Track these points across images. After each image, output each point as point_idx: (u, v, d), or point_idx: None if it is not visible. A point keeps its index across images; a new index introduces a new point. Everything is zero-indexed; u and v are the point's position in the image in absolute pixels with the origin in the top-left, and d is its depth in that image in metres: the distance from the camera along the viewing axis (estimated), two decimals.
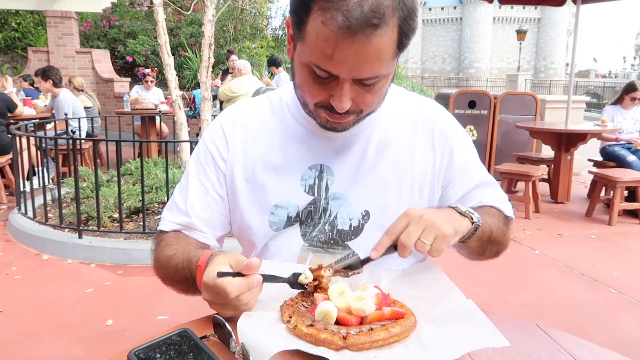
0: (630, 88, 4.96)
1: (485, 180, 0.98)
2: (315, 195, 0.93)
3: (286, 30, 0.92)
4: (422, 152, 0.94)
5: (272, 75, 7.43)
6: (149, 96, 7.05)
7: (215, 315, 0.71)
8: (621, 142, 4.90)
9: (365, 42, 0.70)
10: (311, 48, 0.75)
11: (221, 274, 0.70)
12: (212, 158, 0.95)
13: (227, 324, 0.67)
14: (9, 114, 5.07)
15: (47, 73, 5.25)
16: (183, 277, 0.86)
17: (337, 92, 0.77)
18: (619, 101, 5.07)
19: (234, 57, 7.26)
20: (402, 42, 0.75)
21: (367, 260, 0.77)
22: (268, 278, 0.74)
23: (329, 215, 0.93)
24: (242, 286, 0.70)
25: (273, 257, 0.94)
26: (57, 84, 5.32)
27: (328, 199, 0.93)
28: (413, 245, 0.75)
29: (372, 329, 0.66)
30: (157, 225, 0.98)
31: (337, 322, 0.69)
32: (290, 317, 0.70)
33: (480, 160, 1.01)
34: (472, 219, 0.83)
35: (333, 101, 0.78)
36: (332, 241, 0.93)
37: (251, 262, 0.72)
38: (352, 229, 0.93)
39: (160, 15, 4.16)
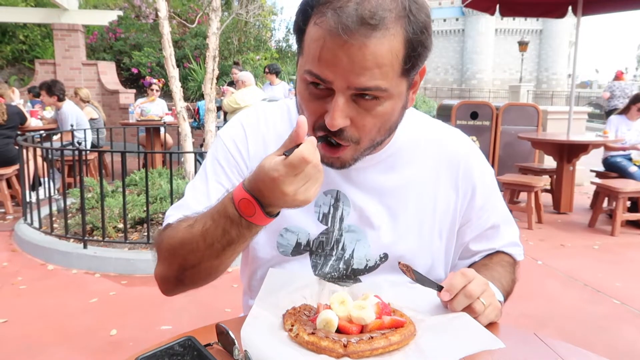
0: (637, 99, 4.95)
1: (502, 219, 0.96)
2: (329, 225, 0.88)
3: (289, 42, 0.91)
4: (444, 192, 0.90)
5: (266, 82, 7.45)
6: (153, 108, 7.11)
7: (219, 323, 0.72)
8: (623, 153, 4.90)
9: (361, 45, 0.65)
10: (306, 55, 0.71)
11: (287, 154, 0.64)
12: (234, 159, 0.89)
13: (230, 332, 0.68)
14: (20, 126, 5.15)
15: (52, 89, 5.35)
16: (220, 233, 0.72)
17: (331, 106, 0.70)
18: (625, 111, 5.03)
19: (235, 69, 7.33)
20: (410, 58, 0.69)
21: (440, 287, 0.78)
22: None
23: (342, 249, 0.89)
24: (312, 149, 0.64)
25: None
26: (60, 98, 5.42)
27: (342, 231, 0.88)
28: (474, 299, 0.75)
29: (372, 337, 0.68)
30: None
31: (338, 331, 0.70)
32: (292, 325, 0.71)
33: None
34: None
35: (326, 118, 0.71)
36: (344, 277, 0.90)
37: (299, 121, 0.65)
38: (367, 268, 0.90)
39: (166, 28, 4.22)
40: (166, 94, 8.90)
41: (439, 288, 0.79)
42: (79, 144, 3.80)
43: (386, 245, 0.89)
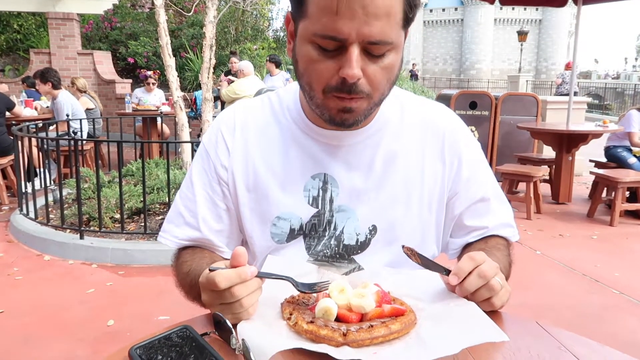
0: None
1: (492, 194, 0.95)
2: (320, 207, 0.89)
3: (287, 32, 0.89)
4: (431, 163, 0.91)
5: (267, 72, 7.40)
6: (150, 98, 7.06)
7: (216, 312, 0.71)
8: (624, 144, 4.87)
9: None
10: (315, 15, 0.71)
11: (212, 269, 0.68)
12: (214, 168, 0.91)
13: (227, 321, 0.67)
14: (9, 114, 5.09)
15: (45, 75, 5.25)
16: (198, 294, 0.81)
17: (347, 59, 0.70)
18: None
19: (234, 59, 7.27)
20: (411, 8, 0.72)
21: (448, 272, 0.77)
22: (265, 274, 0.73)
23: (334, 229, 0.90)
24: (231, 277, 0.67)
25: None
26: (55, 86, 5.32)
27: (333, 212, 0.89)
28: (490, 278, 0.73)
29: (372, 326, 0.66)
30: (159, 226, 0.96)
31: (338, 319, 0.69)
32: (290, 314, 0.70)
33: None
34: None
35: (343, 71, 0.71)
36: (337, 255, 0.90)
37: (237, 250, 0.69)
38: (358, 243, 0.90)
39: (162, 17, 4.17)
40: (163, 83, 8.85)
41: (446, 272, 0.77)
42: (75, 134, 3.76)
43: (373, 216, 0.89)
